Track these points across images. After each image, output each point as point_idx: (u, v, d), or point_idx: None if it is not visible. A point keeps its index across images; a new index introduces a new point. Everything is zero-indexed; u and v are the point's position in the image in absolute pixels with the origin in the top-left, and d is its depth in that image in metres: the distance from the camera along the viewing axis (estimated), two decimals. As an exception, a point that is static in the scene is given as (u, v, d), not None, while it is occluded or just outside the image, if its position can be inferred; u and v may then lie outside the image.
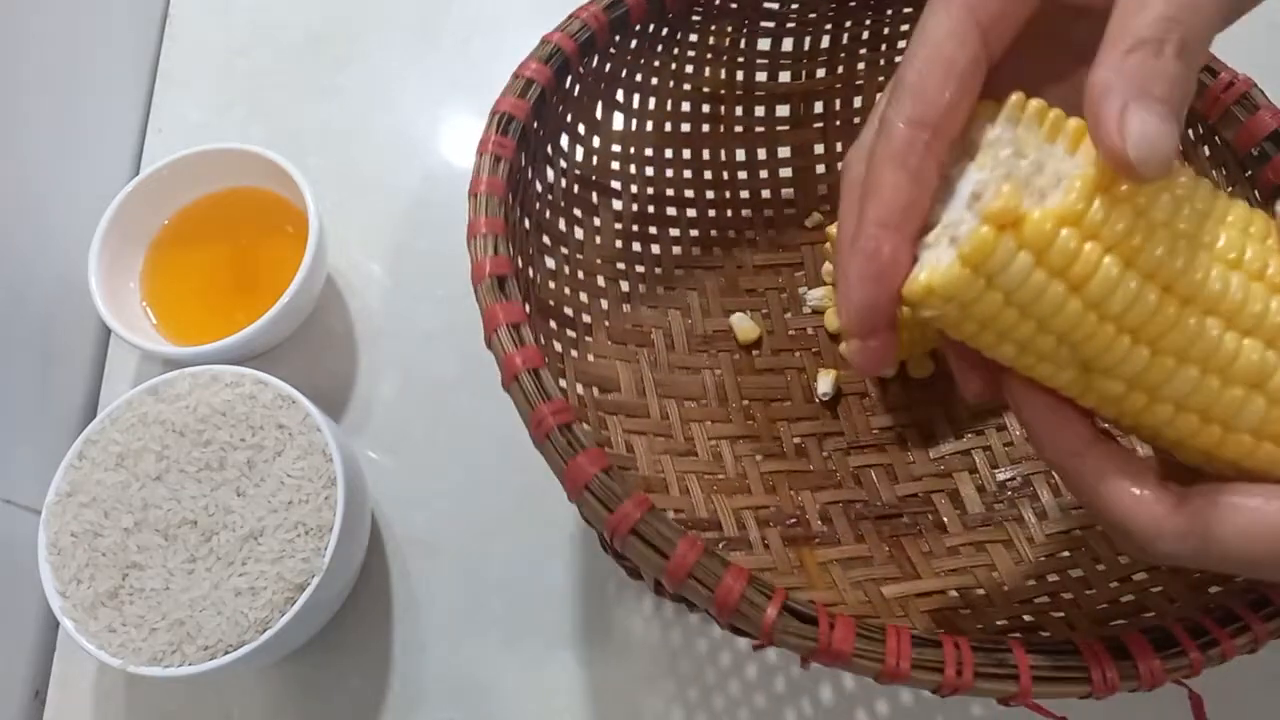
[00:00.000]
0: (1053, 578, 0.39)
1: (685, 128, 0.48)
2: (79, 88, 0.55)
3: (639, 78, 0.46)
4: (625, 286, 0.47)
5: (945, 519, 0.43)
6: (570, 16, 0.40)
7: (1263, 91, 0.38)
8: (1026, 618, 0.37)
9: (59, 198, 0.51)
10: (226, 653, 0.38)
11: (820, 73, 0.49)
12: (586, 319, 0.44)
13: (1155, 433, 0.27)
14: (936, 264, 0.25)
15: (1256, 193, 0.38)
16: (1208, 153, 0.40)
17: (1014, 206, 0.24)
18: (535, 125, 0.38)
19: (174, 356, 0.47)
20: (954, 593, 0.39)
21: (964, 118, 0.26)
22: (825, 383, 0.46)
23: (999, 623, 0.38)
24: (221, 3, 0.64)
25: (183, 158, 0.51)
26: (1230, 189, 0.40)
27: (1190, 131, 0.40)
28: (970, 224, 0.25)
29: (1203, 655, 0.27)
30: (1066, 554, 0.40)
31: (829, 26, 0.47)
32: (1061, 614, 0.37)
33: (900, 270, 0.26)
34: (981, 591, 0.39)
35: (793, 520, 0.42)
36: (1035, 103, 0.26)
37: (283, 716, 0.44)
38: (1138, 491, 0.25)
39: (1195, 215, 0.25)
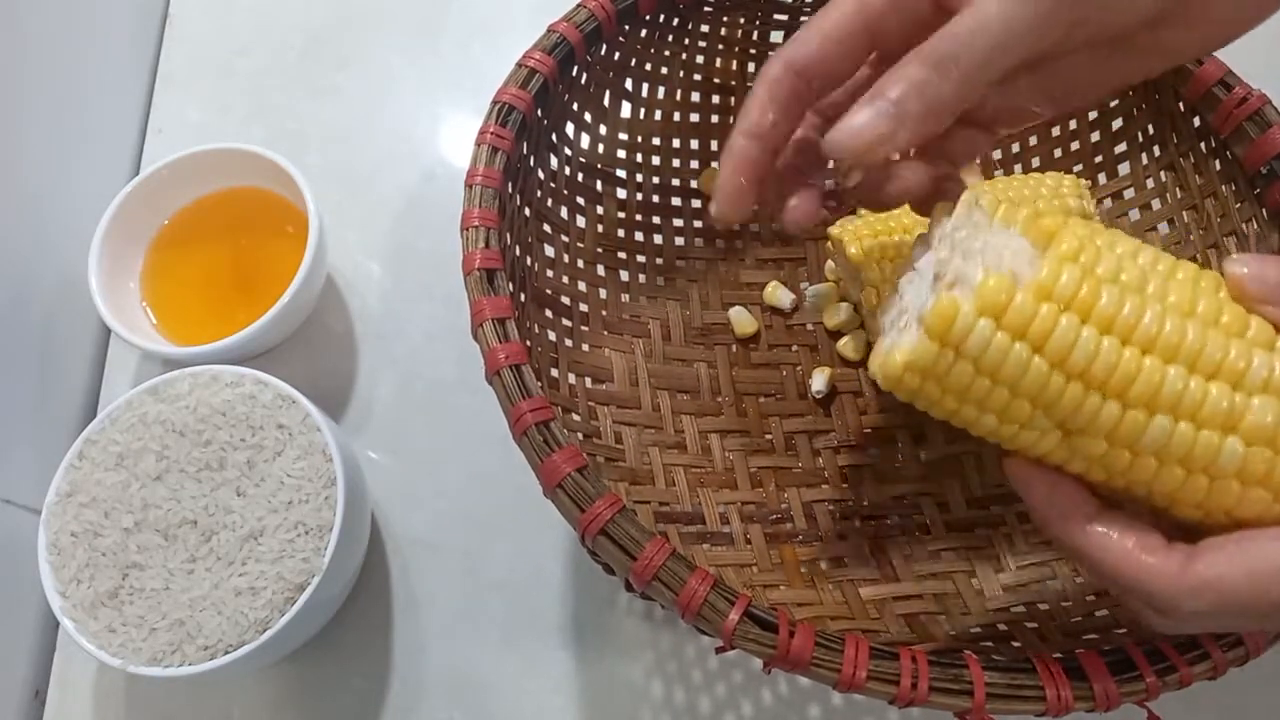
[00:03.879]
0: (1032, 587, 0.39)
1: (694, 118, 0.48)
2: (79, 88, 0.55)
3: (649, 67, 0.46)
4: (625, 276, 0.47)
5: (929, 522, 0.42)
6: (577, 5, 0.39)
7: (1276, 109, 0.37)
8: (1001, 626, 0.37)
9: (59, 198, 0.51)
10: (226, 653, 0.38)
11: None
12: (584, 308, 0.44)
13: (1148, 490, 0.27)
14: (908, 343, 0.27)
15: (1264, 210, 0.38)
16: (1218, 167, 0.40)
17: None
18: (539, 114, 0.38)
19: (174, 356, 0.47)
20: (931, 597, 0.39)
21: (835, 73, 0.31)
22: (820, 380, 0.46)
23: (973, 630, 0.38)
24: (221, 3, 0.64)
25: (183, 158, 0.51)
26: (1238, 205, 0.40)
27: (1202, 144, 0.40)
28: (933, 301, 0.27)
29: (1159, 680, 0.27)
30: (1046, 565, 0.40)
31: None
32: (1035, 625, 0.37)
33: (757, 167, 0.31)
34: (958, 598, 0.39)
35: (776, 517, 0.42)
36: (988, 197, 0.27)
37: (283, 716, 0.44)
38: (1147, 556, 0.25)
39: (1141, 271, 0.26)
